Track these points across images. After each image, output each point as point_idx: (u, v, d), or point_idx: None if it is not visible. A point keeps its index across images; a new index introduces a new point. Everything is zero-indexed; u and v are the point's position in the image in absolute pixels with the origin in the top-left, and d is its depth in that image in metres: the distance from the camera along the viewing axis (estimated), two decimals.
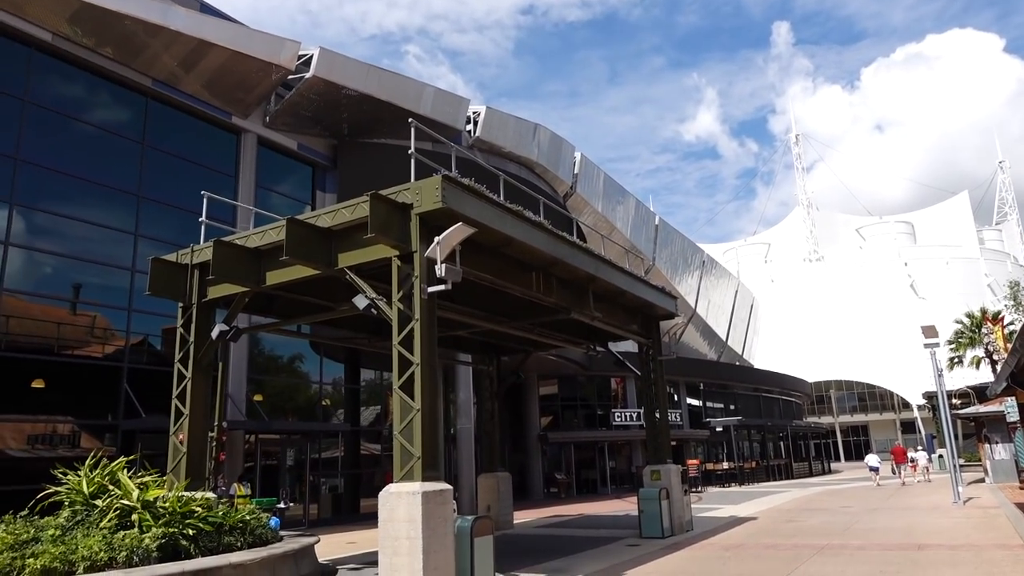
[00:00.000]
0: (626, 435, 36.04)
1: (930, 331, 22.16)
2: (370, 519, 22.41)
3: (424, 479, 9.19)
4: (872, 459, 33.93)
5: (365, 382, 26.98)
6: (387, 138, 24.51)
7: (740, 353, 62.27)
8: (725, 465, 36.91)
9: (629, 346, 20.79)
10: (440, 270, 9.52)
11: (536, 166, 30.78)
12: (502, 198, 11.59)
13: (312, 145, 24.14)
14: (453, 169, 10.64)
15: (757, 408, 48.23)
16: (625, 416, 35.56)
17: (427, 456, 9.31)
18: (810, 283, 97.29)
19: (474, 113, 27.51)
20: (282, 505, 18.85)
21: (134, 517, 8.98)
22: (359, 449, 26.16)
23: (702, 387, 42.35)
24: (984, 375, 51.63)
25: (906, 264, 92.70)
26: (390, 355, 9.91)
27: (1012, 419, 26.59)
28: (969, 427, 40.15)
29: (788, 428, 47.41)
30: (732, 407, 45.50)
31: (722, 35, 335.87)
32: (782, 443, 47.74)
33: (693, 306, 51.24)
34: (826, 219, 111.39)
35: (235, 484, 18.64)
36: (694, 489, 32.85)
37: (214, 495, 11.81)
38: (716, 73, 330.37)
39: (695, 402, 41.98)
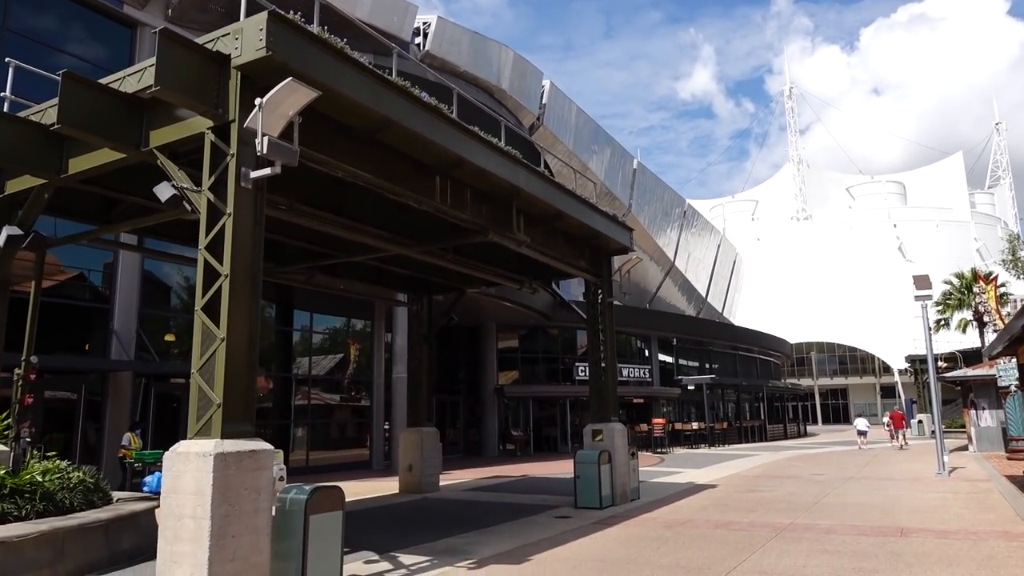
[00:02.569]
0: None
1: (923, 281, 19.63)
2: (295, 475, 20.03)
3: (225, 435, 6.54)
4: (861, 422, 33.99)
5: (304, 326, 24.31)
6: None
7: (720, 310, 60.10)
8: (694, 425, 34.76)
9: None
10: (261, 144, 6.71)
11: (496, 91, 27.65)
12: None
13: None
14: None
15: (734, 367, 46.10)
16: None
17: (231, 403, 6.64)
18: (797, 242, 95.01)
19: (424, 24, 24.25)
20: None
21: None
22: (290, 398, 23.66)
23: (675, 343, 39.99)
24: (971, 339, 49.57)
25: (895, 225, 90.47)
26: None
27: (1004, 384, 24.31)
28: (954, 392, 38.17)
29: (764, 388, 45.42)
30: (708, 365, 43.28)
31: None
32: (760, 404, 45.83)
33: (672, 259, 48.74)
34: (816, 177, 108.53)
35: (128, 434, 16.18)
36: (659, 450, 30.76)
37: (3, 449, 9.18)
38: (713, 30, 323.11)
39: (667, 358, 39.67)
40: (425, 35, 24.24)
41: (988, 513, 12.02)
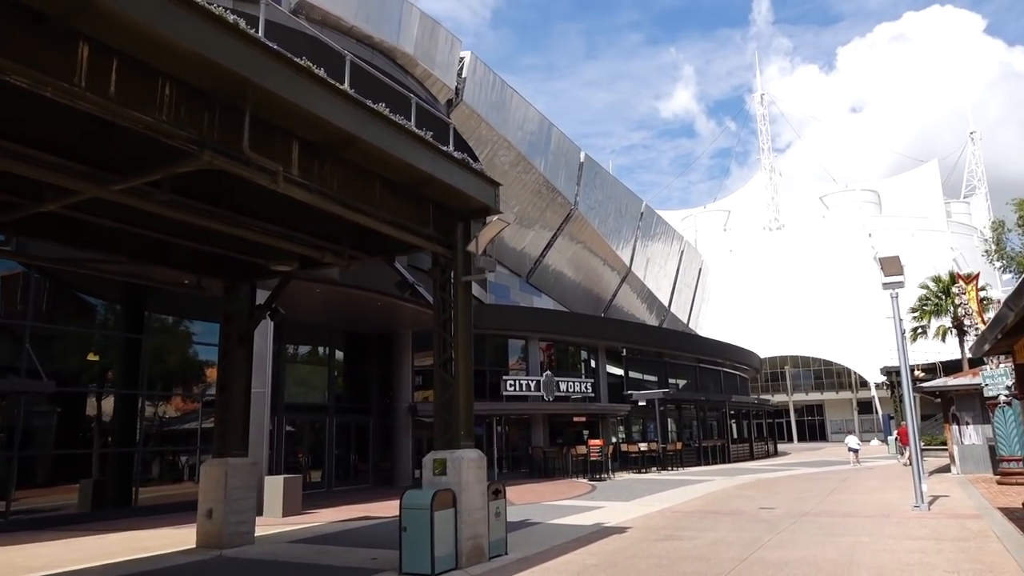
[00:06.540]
0: (522, 408, 29.53)
1: (892, 265, 15.77)
2: (139, 516, 15.38)
3: None
4: (851, 440, 33.70)
5: (157, 332, 19.97)
6: None
7: (685, 321, 56.27)
8: (642, 447, 30.56)
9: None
10: None
11: (400, 55, 23.61)
12: None
13: None
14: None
15: (696, 381, 42.12)
16: (520, 385, 28.98)
17: None
18: (769, 253, 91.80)
19: None
20: None
21: None
22: (136, 420, 19.27)
23: (625, 353, 35.85)
24: (950, 350, 46.13)
25: (870, 235, 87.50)
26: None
27: (992, 394, 20.55)
28: (934, 406, 34.47)
29: (728, 404, 41.44)
30: (668, 379, 39.24)
31: (701, 12, 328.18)
32: (731, 422, 41.88)
33: (628, 264, 44.84)
34: (789, 186, 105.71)
35: None
36: (597, 476, 26.57)
37: None
38: (694, 51, 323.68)
39: (617, 371, 35.53)
40: None
41: None
